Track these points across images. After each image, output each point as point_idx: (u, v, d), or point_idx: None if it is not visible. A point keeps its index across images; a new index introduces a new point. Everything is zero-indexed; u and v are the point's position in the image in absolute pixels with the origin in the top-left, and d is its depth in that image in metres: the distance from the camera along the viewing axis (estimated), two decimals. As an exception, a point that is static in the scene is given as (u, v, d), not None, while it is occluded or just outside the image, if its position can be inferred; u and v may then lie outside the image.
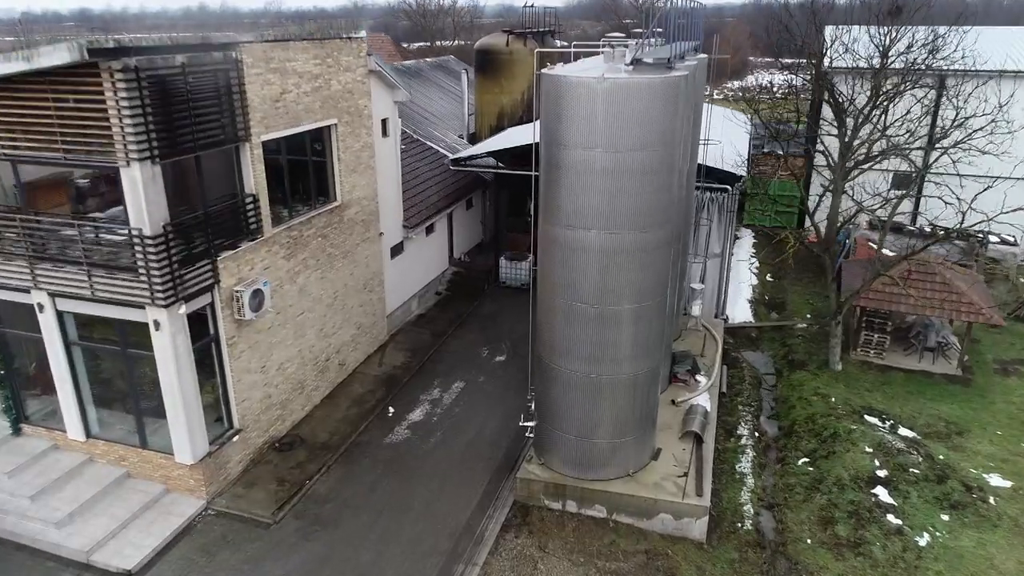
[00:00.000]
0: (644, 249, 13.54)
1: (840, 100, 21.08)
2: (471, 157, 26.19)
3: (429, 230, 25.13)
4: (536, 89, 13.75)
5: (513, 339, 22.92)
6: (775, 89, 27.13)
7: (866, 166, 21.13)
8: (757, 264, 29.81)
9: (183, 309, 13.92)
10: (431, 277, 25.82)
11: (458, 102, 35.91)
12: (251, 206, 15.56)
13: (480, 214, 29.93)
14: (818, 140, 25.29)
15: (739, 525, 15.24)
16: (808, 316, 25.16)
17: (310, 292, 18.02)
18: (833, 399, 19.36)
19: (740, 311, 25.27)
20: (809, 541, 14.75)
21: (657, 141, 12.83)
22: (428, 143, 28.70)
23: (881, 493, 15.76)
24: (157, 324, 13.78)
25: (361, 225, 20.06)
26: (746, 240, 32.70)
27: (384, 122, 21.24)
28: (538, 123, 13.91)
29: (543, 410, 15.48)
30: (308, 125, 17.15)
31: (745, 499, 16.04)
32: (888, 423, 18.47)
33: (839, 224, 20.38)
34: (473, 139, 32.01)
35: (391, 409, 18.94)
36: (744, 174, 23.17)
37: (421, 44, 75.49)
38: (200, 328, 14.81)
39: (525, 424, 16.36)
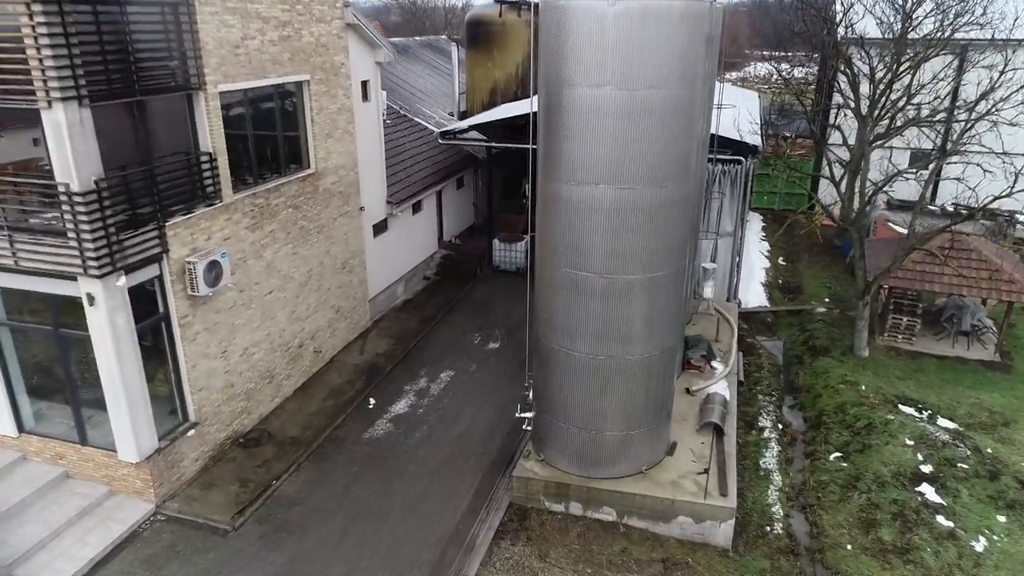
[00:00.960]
0: (661, 207, 11.60)
1: (858, 70, 19.23)
2: (462, 130, 24.20)
3: (416, 208, 23.15)
4: (534, 16, 11.81)
5: (508, 325, 20.96)
6: (779, 76, 25.19)
7: (882, 142, 19.24)
8: (768, 248, 27.92)
9: (122, 281, 11.90)
10: (418, 260, 23.83)
11: (448, 80, 33.92)
12: (207, 166, 13.55)
13: (472, 195, 27.97)
14: (837, 112, 23.49)
15: (768, 529, 13.31)
16: (827, 300, 23.29)
17: (279, 269, 16.02)
18: (863, 387, 17.47)
19: (754, 295, 23.37)
20: (850, 547, 12.83)
21: (677, 77, 10.89)
22: (415, 119, 26.73)
23: (927, 491, 13.88)
24: (91, 299, 11.76)
25: (339, 197, 18.06)
26: (755, 223, 30.82)
27: (364, 84, 19.25)
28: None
29: (543, 399, 13.53)
30: (275, 79, 15.15)
31: (773, 499, 14.11)
32: (926, 413, 16.61)
33: (869, 195, 18.44)
34: (464, 117, 30.00)
35: (372, 401, 16.96)
36: (759, 143, 21.27)
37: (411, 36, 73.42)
38: (146, 305, 12.80)
39: (522, 415, 14.39)
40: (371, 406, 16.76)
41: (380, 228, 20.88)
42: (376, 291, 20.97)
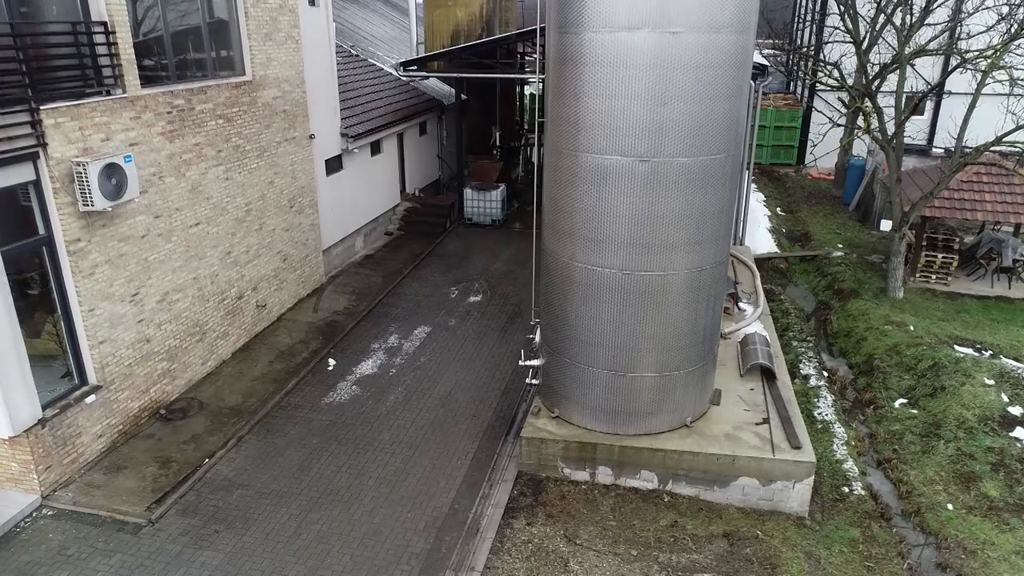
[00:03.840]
0: (719, 64, 8.71)
1: None
2: (426, 59, 21.08)
3: (375, 150, 19.87)
4: None
5: (489, 278, 17.90)
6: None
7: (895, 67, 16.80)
8: (764, 198, 25.48)
9: (-27, 177, 8.46)
10: (379, 211, 20.54)
11: (405, 31, 30.68)
12: (101, 39, 10.14)
13: (436, 146, 24.76)
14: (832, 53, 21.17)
15: (846, 490, 10.58)
16: (839, 245, 20.88)
17: (209, 196, 12.63)
18: (911, 328, 14.98)
19: (761, 241, 20.81)
20: (951, 506, 10.18)
21: None
22: (371, 61, 23.44)
23: (1025, 436, 11.37)
24: (-73, 201, 8.29)
25: (283, 118, 14.73)
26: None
27: (311, -16, 15.95)
28: None
29: (557, 338, 10.52)
30: (195, -54, 11.80)
31: (841, 454, 11.40)
32: (986, 353, 14.16)
33: (917, 101, 15.93)
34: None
35: (332, 362, 13.69)
36: (767, 64, 18.70)
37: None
38: (18, 222, 9.37)
39: (527, 364, 11.38)
40: (331, 368, 13.50)
41: (334, 166, 17.57)
42: (331, 242, 17.66)
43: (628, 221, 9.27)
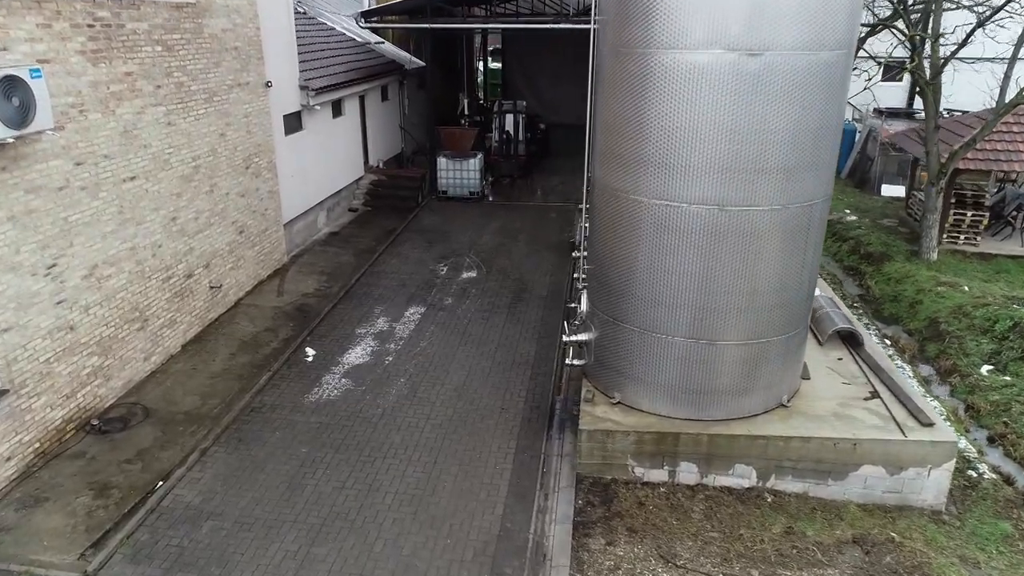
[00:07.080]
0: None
1: None
2: (389, 9, 18.51)
3: (337, 111, 17.19)
4: None
5: (480, 253, 15.50)
6: None
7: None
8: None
9: None
10: (342, 183, 17.83)
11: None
12: (-9, -92, 7.34)
13: (398, 115, 22.14)
14: None
15: (972, 475, 8.69)
16: (846, 211, 19.37)
17: (147, 143, 9.84)
18: (967, 288, 13.40)
19: (768, 207, 19.05)
20: (1102, 487, 8.41)
21: None
22: (320, 20, 20.66)
23: None
24: None
25: (234, 56, 11.98)
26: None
27: (261, -102, 13.20)
28: None
29: (617, 301, 8.25)
30: None
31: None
32: (1051, 313, 12.65)
33: (954, 48, 14.33)
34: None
35: (310, 351, 11.07)
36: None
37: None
38: None
39: (573, 339, 9.08)
40: (310, 359, 10.87)
41: (293, 125, 14.84)
42: (291, 215, 14.92)
43: (727, 138, 7.10)
